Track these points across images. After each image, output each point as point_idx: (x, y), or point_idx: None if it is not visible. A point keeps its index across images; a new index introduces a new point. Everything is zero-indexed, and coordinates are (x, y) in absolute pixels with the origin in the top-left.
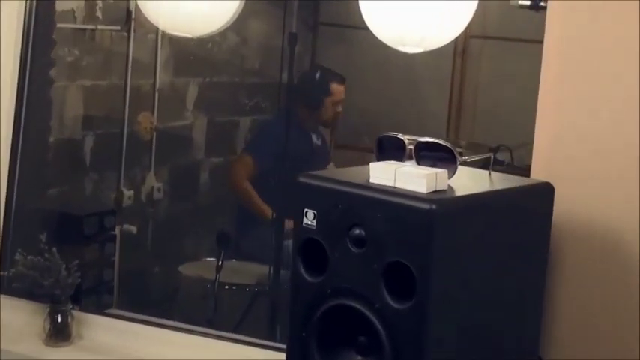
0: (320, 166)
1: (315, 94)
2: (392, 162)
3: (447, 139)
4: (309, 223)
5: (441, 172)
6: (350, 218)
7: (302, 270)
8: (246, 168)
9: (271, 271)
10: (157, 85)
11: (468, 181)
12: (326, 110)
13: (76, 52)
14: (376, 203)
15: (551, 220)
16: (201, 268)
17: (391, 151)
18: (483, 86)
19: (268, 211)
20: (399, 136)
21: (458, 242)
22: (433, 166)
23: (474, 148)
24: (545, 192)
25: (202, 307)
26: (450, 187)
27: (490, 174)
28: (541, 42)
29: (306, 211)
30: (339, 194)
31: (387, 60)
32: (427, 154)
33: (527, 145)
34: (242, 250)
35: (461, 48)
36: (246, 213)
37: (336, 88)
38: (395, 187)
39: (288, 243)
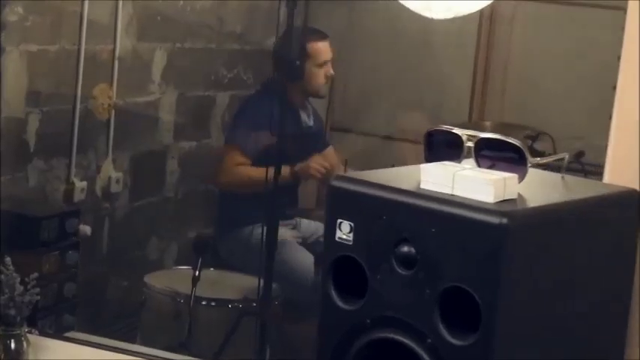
0: (314, 151)
1: (291, 60)
2: (447, 163)
3: (469, 120)
4: (344, 237)
5: (511, 178)
6: (397, 232)
7: (334, 294)
8: (236, 161)
9: (261, 283)
10: (117, 52)
11: (539, 186)
12: (311, 77)
13: (19, 9)
14: (430, 215)
15: (637, 230)
16: (172, 278)
17: (444, 148)
18: (515, 57)
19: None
20: (454, 131)
21: (532, 263)
22: (496, 168)
23: (502, 130)
24: (630, 200)
25: (175, 328)
26: (521, 196)
27: (563, 177)
28: (593, 6)
29: (341, 223)
30: (384, 203)
31: (397, 25)
32: (490, 154)
33: (579, 138)
34: (223, 257)
35: (488, 10)
36: (229, 210)
37: (316, 47)
38: (453, 195)
39: (285, 248)
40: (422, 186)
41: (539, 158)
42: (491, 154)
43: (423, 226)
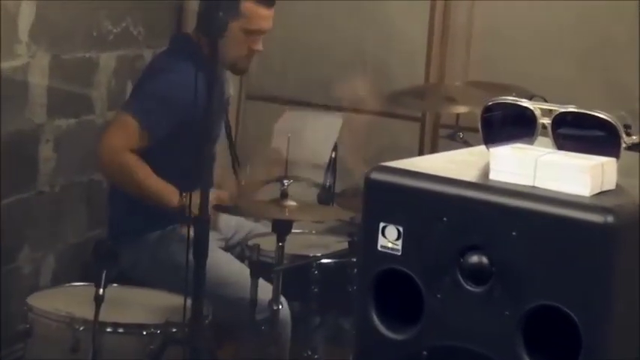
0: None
1: (215, 14)
2: (520, 146)
3: (426, 81)
4: (390, 245)
5: (609, 163)
6: (463, 238)
7: (376, 320)
8: (128, 137)
9: (187, 302)
10: None
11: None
12: (231, 42)
13: None
14: (509, 214)
15: None
16: (64, 299)
17: (509, 126)
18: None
19: (173, 194)
20: (523, 103)
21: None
22: (580, 150)
23: (479, 93)
24: None
25: None
26: (619, 186)
27: None
28: None
29: (385, 227)
30: (445, 200)
31: None
32: (572, 132)
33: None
34: (125, 270)
35: None
36: (129, 207)
37: (254, 9)
38: (536, 188)
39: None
40: (492, 177)
41: (635, 137)
42: (574, 133)
43: (499, 229)
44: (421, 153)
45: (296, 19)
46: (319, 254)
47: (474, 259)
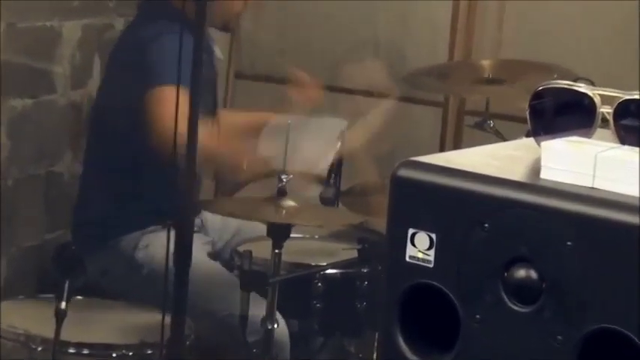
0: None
1: None
2: (576, 139)
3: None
4: (421, 255)
5: None
6: (508, 247)
7: (403, 344)
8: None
9: (165, 319)
10: None
11: None
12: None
13: None
14: (564, 220)
15: None
16: (19, 314)
17: (563, 115)
18: None
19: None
20: (580, 89)
21: None
22: None
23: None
24: None
25: None
26: None
27: None
28: None
29: (414, 234)
30: (486, 202)
31: None
32: (638, 124)
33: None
34: (91, 279)
35: None
36: (100, 205)
37: None
38: (594, 189)
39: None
40: (543, 175)
41: None
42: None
43: (551, 238)
44: (443, 144)
45: None
46: (323, 263)
47: (521, 273)
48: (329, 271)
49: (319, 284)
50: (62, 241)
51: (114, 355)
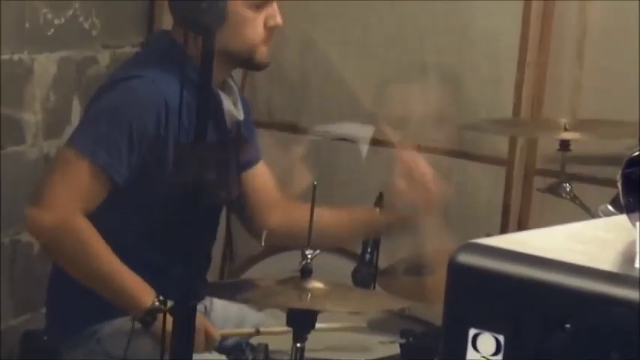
0: (238, 169)
1: None
2: None
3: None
4: None
5: None
6: (595, 353)
7: None
8: (80, 188)
9: None
10: None
11: None
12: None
13: None
14: None
15: None
16: None
17: None
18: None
19: (145, 293)
20: None
21: None
22: None
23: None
24: None
25: None
26: None
27: None
28: None
29: (477, 335)
30: (568, 297)
31: None
32: None
33: None
34: None
35: None
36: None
37: None
38: None
39: None
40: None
41: None
42: None
43: None
44: (507, 211)
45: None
46: None
47: None
48: None
49: None
50: (30, 329)
51: None
